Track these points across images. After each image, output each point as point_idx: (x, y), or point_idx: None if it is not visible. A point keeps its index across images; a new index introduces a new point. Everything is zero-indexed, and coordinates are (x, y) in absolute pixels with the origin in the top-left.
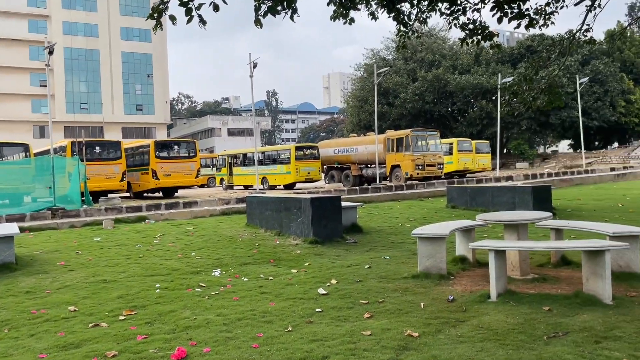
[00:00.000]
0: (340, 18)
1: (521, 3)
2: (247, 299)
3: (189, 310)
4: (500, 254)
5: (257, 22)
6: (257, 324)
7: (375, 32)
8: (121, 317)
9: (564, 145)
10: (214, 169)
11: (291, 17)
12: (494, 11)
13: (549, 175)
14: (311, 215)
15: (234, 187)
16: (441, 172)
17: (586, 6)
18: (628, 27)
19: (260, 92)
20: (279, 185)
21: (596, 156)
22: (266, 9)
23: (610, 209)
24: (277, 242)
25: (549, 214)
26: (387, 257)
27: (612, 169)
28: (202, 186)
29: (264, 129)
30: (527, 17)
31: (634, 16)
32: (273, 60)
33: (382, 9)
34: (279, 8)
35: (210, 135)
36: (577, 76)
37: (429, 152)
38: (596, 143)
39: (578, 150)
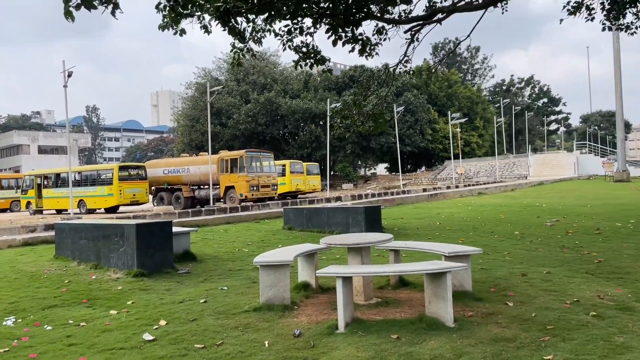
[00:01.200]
0: (171, 28)
1: (354, 28)
2: (50, 355)
3: None
4: (348, 280)
5: (68, 14)
6: None
7: (206, 52)
8: None
9: (381, 168)
10: (19, 191)
11: (112, 13)
12: (329, 33)
13: (373, 195)
14: (136, 244)
15: (44, 212)
16: (275, 193)
17: (406, 39)
18: (435, 66)
19: (79, 107)
20: (100, 209)
21: (409, 178)
22: (79, 0)
23: (431, 227)
24: (94, 276)
25: (390, 235)
26: (225, 288)
27: (425, 190)
28: (3, 211)
29: (83, 146)
30: (360, 42)
31: (437, 55)
32: (94, 73)
33: (216, 22)
34: (96, 1)
35: (16, 153)
36: (394, 105)
37: (264, 173)
38: (409, 166)
39: (394, 173)
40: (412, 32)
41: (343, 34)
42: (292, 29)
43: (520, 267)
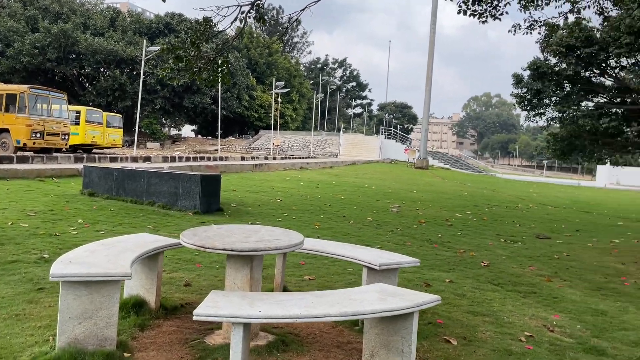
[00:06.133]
0: None
1: None
2: None
3: None
4: (248, 327)
5: None
6: None
7: None
8: None
9: (187, 130)
10: None
11: None
12: None
13: (188, 158)
14: None
15: None
16: (66, 144)
17: None
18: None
19: None
20: None
21: (223, 144)
22: None
23: (273, 205)
24: None
25: (300, 236)
26: None
27: (243, 158)
28: None
29: None
30: None
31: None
32: None
33: None
34: None
35: None
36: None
37: (53, 118)
38: (220, 132)
39: (204, 136)
40: None
41: None
42: None
43: (414, 271)
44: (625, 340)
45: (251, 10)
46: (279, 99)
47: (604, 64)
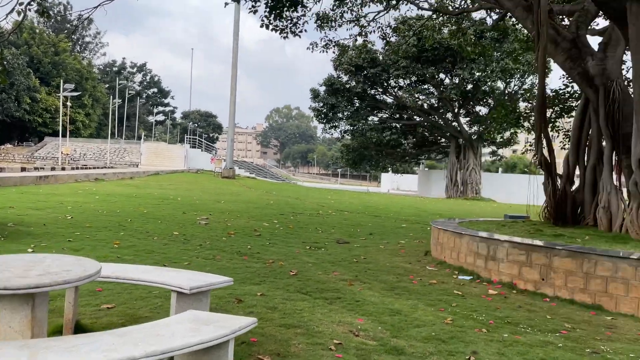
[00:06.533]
0: None
1: None
2: None
3: None
4: None
5: None
6: None
7: None
8: None
9: None
10: None
11: None
12: None
13: None
14: None
15: None
16: None
17: None
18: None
19: None
20: None
21: None
22: None
23: (62, 223)
24: None
25: (96, 265)
26: None
27: (24, 169)
28: None
29: None
30: None
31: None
32: None
33: None
34: None
35: None
36: None
37: None
38: None
39: None
40: None
41: None
42: None
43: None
44: (419, 337)
45: (32, 3)
46: (69, 103)
47: (386, 84)
